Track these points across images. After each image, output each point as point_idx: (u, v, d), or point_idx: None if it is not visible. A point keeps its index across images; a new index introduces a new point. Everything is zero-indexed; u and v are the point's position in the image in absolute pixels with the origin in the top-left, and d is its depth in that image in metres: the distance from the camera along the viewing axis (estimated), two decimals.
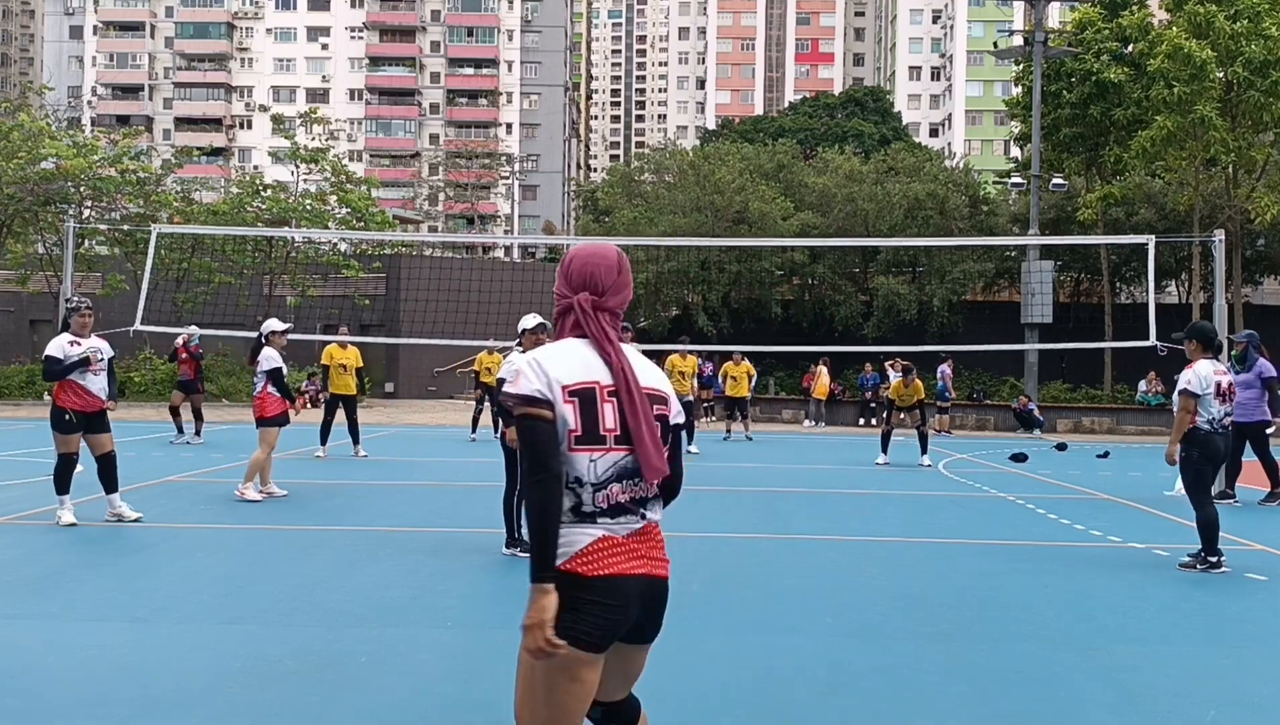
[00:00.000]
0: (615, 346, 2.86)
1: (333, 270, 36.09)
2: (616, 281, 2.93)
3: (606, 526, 2.79)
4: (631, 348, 2.90)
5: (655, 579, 2.86)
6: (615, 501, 2.80)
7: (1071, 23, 34.70)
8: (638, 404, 2.81)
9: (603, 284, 2.91)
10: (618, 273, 2.94)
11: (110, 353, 9.74)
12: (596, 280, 2.90)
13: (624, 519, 2.82)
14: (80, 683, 5.10)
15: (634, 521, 2.84)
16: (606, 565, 2.78)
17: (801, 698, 5.05)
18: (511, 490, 8.50)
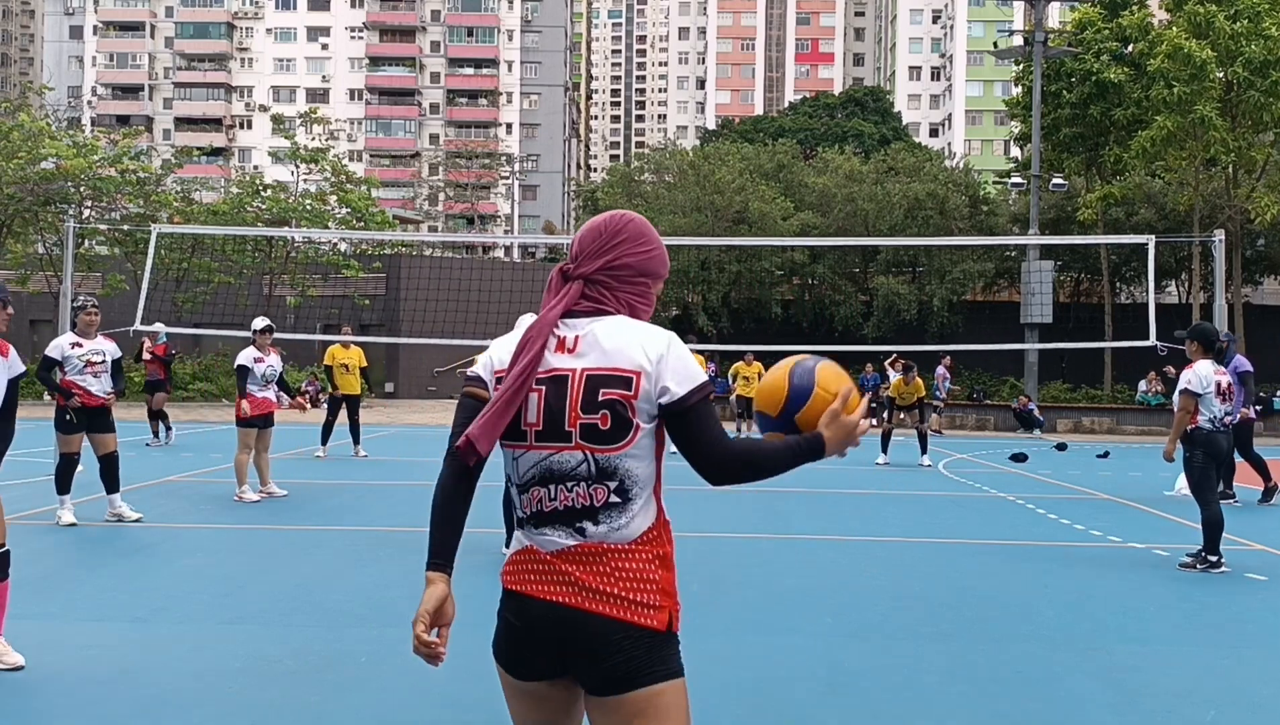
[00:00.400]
0: (547, 321, 2.39)
1: (333, 270, 36.10)
2: (597, 246, 2.45)
3: (531, 536, 2.42)
4: (623, 320, 2.41)
5: (574, 610, 2.33)
6: (537, 508, 2.39)
7: (1071, 23, 34.71)
8: (512, 384, 2.33)
9: (583, 249, 2.47)
10: (604, 236, 2.46)
11: (117, 353, 9.71)
12: (579, 246, 2.48)
13: (549, 531, 2.38)
14: (80, 683, 5.10)
15: (562, 536, 2.36)
16: (519, 581, 2.46)
17: (801, 698, 5.05)
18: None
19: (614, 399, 2.32)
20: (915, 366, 17.78)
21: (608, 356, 2.35)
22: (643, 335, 2.38)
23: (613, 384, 2.32)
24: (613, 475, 2.33)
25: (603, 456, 2.32)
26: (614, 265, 2.45)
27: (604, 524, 2.33)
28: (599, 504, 2.33)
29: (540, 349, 2.36)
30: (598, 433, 2.32)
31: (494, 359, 2.49)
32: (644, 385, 2.33)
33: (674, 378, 2.34)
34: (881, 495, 13.28)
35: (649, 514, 2.37)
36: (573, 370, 2.34)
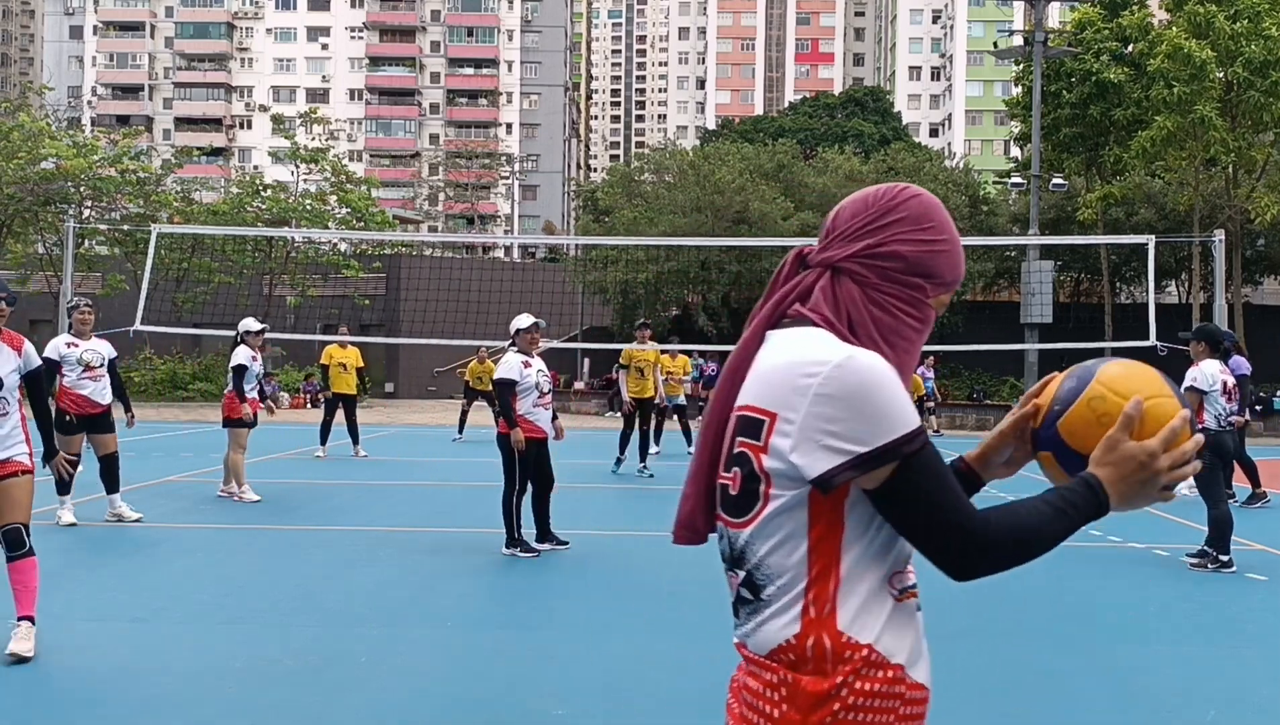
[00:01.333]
0: (749, 337, 1.71)
1: (333, 270, 36.11)
2: (859, 222, 1.69)
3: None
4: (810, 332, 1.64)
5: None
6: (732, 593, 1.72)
7: (1071, 23, 34.69)
8: (702, 432, 1.74)
9: (836, 226, 1.72)
10: (871, 209, 1.70)
11: (112, 354, 9.69)
12: (833, 221, 1.74)
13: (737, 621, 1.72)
14: (80, 683, 5.10)
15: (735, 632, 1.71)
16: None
17: None
18: (511, 490, 8.49)
19: (743, 453, 1.62)
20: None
21: (755, 387, 1.63)
22: (802, 354, 1.59)
23: (746, 429, 1.62)
24: (740, 560, 1.65)
25: (733, 532, 1.66)
26: (877, 252, 1.68)
27: (740, 623, 1.69)
28: (733, 594, 1.69)
29: (737, 372, 1.69)
30: (727, 498, 1.66)
31: None
32: (776, 436, 1.57)
33: (835, 432, 1.53)
34: None
35: (787, 627, 1.59)
36: (738, 407, 1.66)
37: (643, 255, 32.89)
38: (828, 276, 1.69)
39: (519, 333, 8.72)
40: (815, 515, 1.58)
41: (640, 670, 5.43)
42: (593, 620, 6.50)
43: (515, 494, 8.48)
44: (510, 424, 8.40)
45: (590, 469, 14.85)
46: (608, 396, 32.51)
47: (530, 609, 6.73)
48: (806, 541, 1.58)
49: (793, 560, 1.59)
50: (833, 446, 1.52)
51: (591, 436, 21.66)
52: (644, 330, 15.11)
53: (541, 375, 8.67)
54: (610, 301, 34.66)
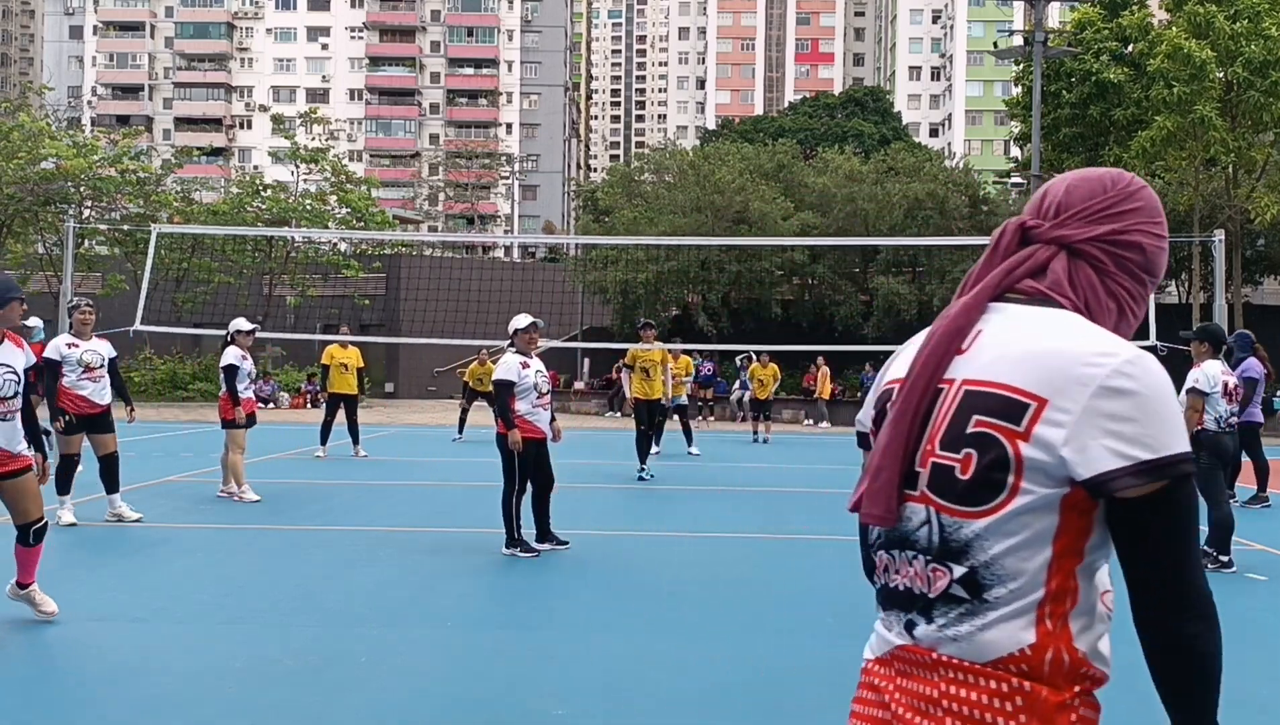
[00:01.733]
0: (972, 304, 1.57)
1: (333, 270, 36.12)
2: (1098, 204, 1.60)
3: (875, 628, 1.63)
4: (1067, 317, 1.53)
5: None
6: (883, 580, 1.61)
7: (1071, 23, 34.71)
8: (905, 401, 1.56)
9: (1070, 202, 1.62)
10: (1111, 194, 1.60)
11: (112, 354, 9.69)
12: (1065, 196, 1.63)
13: (887, 617, 1.60)
14: (80, 683, 5.10)
15: (894, 628, 1.57)
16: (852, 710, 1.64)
17: (801, 698, 5.05)
18: (511, 490, 8.49)
19: (988, 434, 1.46)
20: None
21: (1010, 366, 1.48)
22: (1083, 343, 1.46)
23: (994, 410, 1.46)
24: (961, 554, 1.48)
25: (950, 521, 1.49)
26: (1120, 239, 1.59)
27: (936, 623, 1.51)
28: (934, 593, 1.51)
29: (949, 346, 1.55)
30: (951, 481, 1.49)
31: (880, 383, 1.70)
32: (1044, 425, 1.43)
33: (1119, 432, 1.41)
34: None
35: (1021, 634, 1.46)
36: (951, 381, 1.53)
37: (643, 255, 32.89)
38: (1064, 256, 1.59)
39: (517, 333, 8.72)
40: (1066, 519, 1.45)
41: (640, 670, 5.43)
42: (593, 620, 6.50)
43: (515, 494, 8.48)
44: (508, 425, 8.40)
45: (590, 469, 14.86)
46: (608, 397, 32.51)
47: (530, 609, 6.74)
48: (1051, 547, 1.45)
49: (1033, 564, 1.45)
50: (1115, 448, 1.39)
51: (591, 436, 21.66)
52: (648, 330, 14.86)
53: (540, 376, 8.67)
54: (610, 301, 34.66)
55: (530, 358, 8.71)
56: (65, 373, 9.31)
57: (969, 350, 1.54)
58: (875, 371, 30.55)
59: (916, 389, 1.54)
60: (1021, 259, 1.59)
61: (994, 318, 1.56)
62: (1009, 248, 1.62)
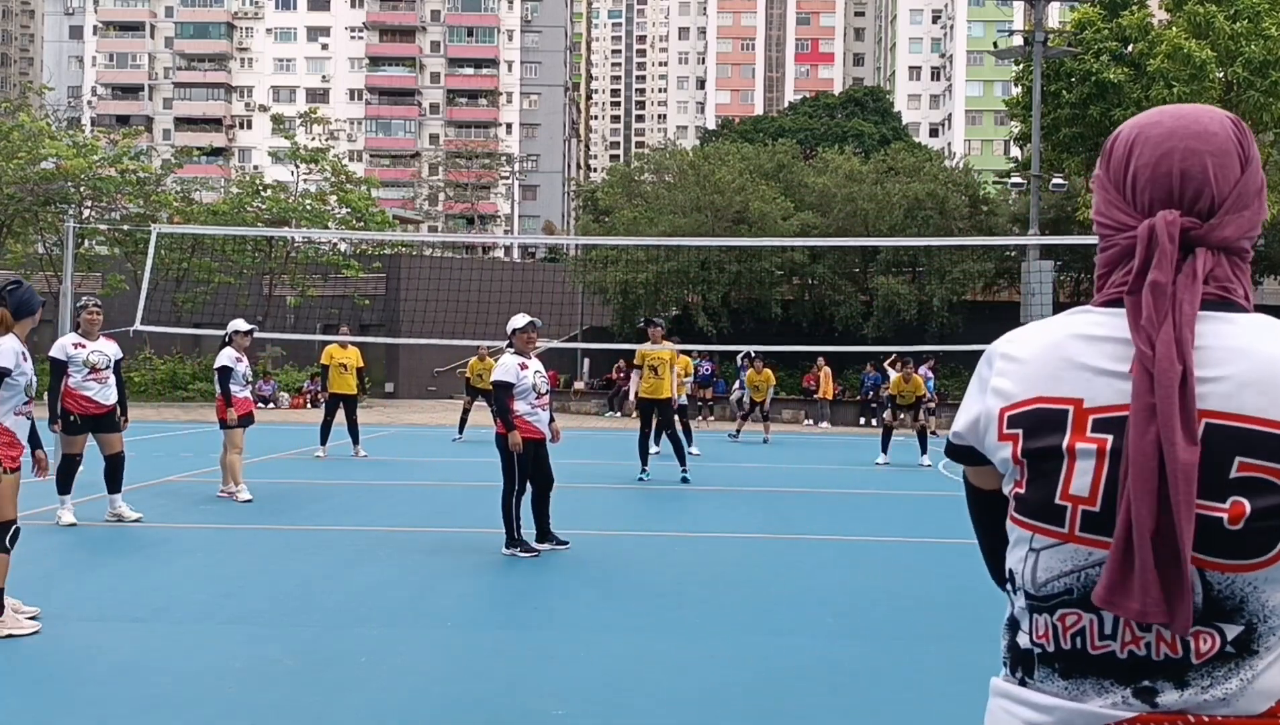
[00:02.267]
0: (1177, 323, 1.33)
1: (333, 270, 36.12)
2: (1240, 183, 1.41)
3: (1042, 704, 1.38)
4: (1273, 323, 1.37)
5: None
6: (1073, 645, 1.37)
7: (1071, 23, 34.69)
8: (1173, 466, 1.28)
9: (1221, 187, 1.40)
10: (1246, 165, 1.42)
11: (118, 355, 9.69)
12: (1194, 183, 1.40)
13: (1089, 689, 1.36)
14: (80, 683, 5.10)
15: (1113, 703, 1.34)
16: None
17: (801, 698, 5.05)
18: (510, 490, 8.49)
19: (1262, 479, 1.29)
20: (911, 360, 17.84)
21: (1258, 396, 1.30)
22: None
23: (1264, 452, 1.29)
24: (1235, 613, 1.32)
25: (1219, 577, 1.31)
26: (1255, 229, 1.43)
27: (1196, 686, 1.32)
28: (1200, 658, 1.32)
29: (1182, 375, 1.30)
30: (1220, 534, 1.30)
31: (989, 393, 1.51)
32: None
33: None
34: (881, 495, 13.27)
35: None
36: (1226, 416, 1.32)
37: (643, 255, 32.89)
38: (1223, 257, 1.41)
39: (515, 333, 8.72)
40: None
41: (640, 670, 5.43)
42: (593, 620, 6.50)
43: (514, 494, 8.48)
44: (508, 426, 8.40)
45: (590, 469, 14.85)
46: (608, 397, 32.51)
47: (530, 609, 6.74)
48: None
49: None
50: None
51: (591, 436, 21.66)
52: (655, 328, 14.56)
53: (539, 376, 8.66)
54: (610, 301, 34.66)
55: (529, 358, 8.71)
56: (71, 373, 9.29)
57: (1211, 380, 1.33)
58: (876, 371, 30.51)
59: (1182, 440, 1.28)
60: (1201, 269, 1.37)
61: (1226, 338, 1.36)
62: (1170, 253, 1.37)
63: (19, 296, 5.98)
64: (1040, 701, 1.37)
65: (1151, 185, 1.40)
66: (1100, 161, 1.50)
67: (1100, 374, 1.38)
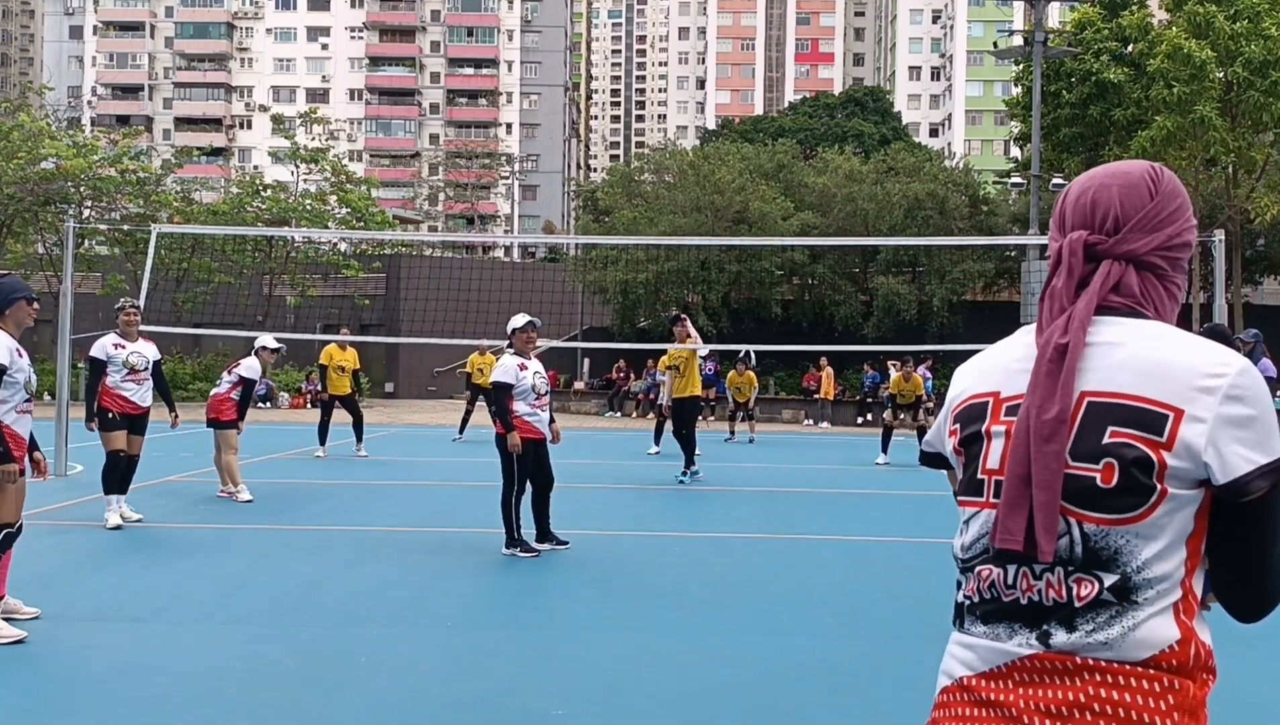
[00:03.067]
0: (1072, 322, 1.62)
1: (333, 270, 36.12)
2: (1151, 212, 1.69)
3: (969, 639, 1.69)
4: (1163, 328, 1.66)
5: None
6: (989, 595, 1.65)
7: (1071, 23, 34.70)
8: (1033, 424, 1.57)
9: (1125, 214, 1.68)
10: (1161, 199, 1.70)
11: (156, 356, 9.77)
12: (1119, 207, 1.69)
13: (1001, 632, 1.62)
14: (80, 683, 5.10)
15: (1018, 642, 1.59)
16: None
17: (801, 698, 5.05)
18: (510, 490, 8.49)
19: (1128, 444, 1.53)
20: (911, 359, 17.87)
21: (1132, 378, 1.57)
22: (1198, 355, 1.57)
23: (1131, 421, 1.54)
24: (1110, 562, 1.54)
25: (1096, 529, 1.54)
26: (1174, 244, 1.71)
27: (1081, 630, 1.55)
28: (1080, 602, 1.55)
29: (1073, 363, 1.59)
30: (1093, 491, 1.54)
31: (951, 397, 1.77)
32: (1186, 434, 1.52)
33: (1245, 438, 1.52)
34: (881, 495, 13.27)
35: (1167, 630, 1.54)
36: (1105, 394, 1.58)
37: (643, 255, 32.90)
38: (1132, 268, 1.69)
39: (514, 333, 8.71)
40: (1198, 521, 1.56)
41: (640, 670, 5.43)
42: (593, 620, 6.50)
43: (514, 494, 8.48)
44: (507, 427, 8.40)
45: (590, 469, 14.86)
46: (608, 397, 32.51)
47: (530, 609, 6.74)
48: (1185, 547, 1.56)
49: (1173, 564, 1.55)
50: (1245, 453, 1.51)
51: (591, 436, 21.67)
52: (681, 325, 14.05)
53: (538, 377, 8.66)
54: (610, 301, 34.66)
55: (528, 359, 8.71)
56: (109, 373, 9.35)
57: (1103, 368, 1.60)
58: (875, 371, 30.50)
59: (1049, 406, 1.57)
60: (1104, 277, 1.67)
61: (1094, 334, 1.63)
62: (1076, 267, 1.68)
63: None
64: (970, 642, 1.67)
65: (1072, 214, 1.73)
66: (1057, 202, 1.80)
67: (1016, 371, 1.68)
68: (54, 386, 14.89)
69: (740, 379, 22.25)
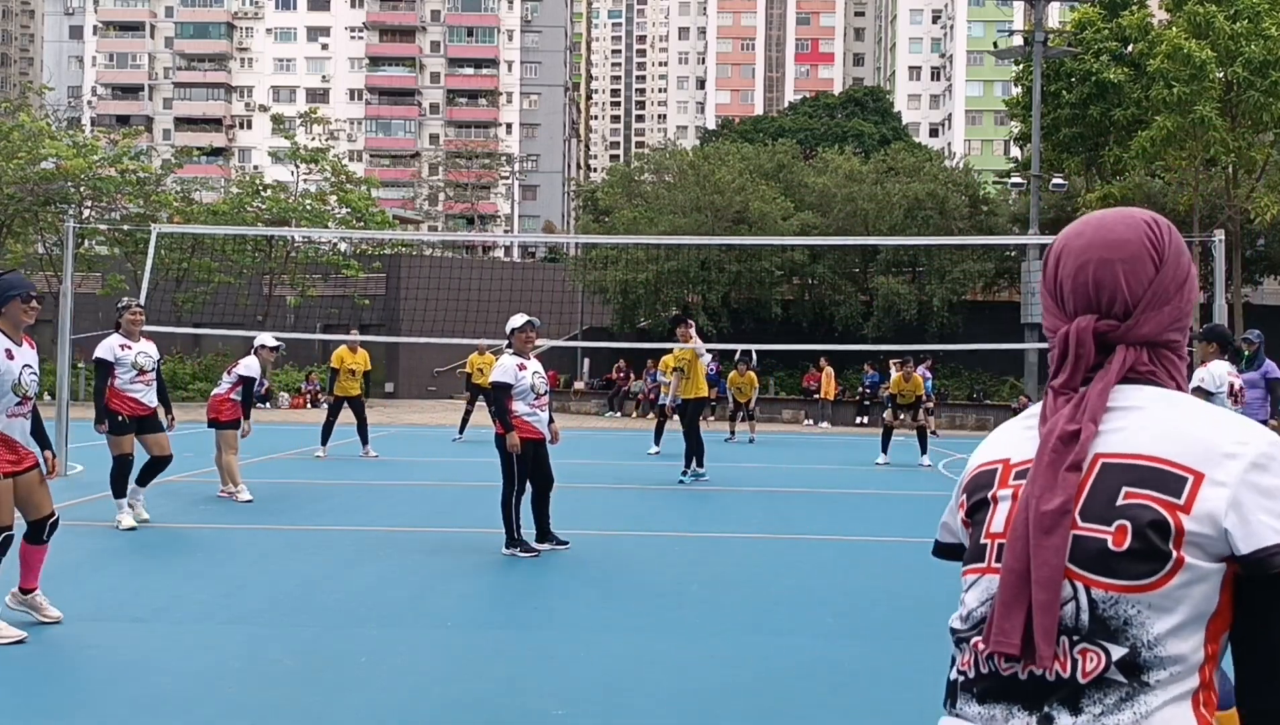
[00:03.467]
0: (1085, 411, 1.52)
1: (333, 270, 36.13)
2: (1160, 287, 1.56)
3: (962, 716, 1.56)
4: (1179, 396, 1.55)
5: None
6: (986, 670, 1.52)
7: (1071, 23, 34.71)
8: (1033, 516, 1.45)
9: (1134, 293, 1.56)
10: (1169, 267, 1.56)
11: (158, 356, 9.75)
12: (1126, 286, 1.56)
13: (996, 713, 1.48)
14: (81, 683, 5.10)
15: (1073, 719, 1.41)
16: None
17: (801, 698, 5.05)
18: (510, 491, 8.49)
19: (1144, 505, 1.41)
20: (911, 359, 17.87)
21: (1150, 439, 1.46)
22: (1223, 424, 1.46)
23: (1149, 482, 1.43)
24: (1119, 634, 1.40)
25: (1105, 596, 1.41)
26: (1184, 311, 1.58)
27: (1088, 714, 1.39)
28: (1086, 677, 1.40)
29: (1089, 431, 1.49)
30: (1104, 554, 1.42)
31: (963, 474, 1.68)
32: (1206, 496, 1.40)
33: (1272, 508, 1.38)
34: (881, 495, 13.27)
35: (1188, 720, 1.38)
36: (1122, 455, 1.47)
37: (643, 255, 32.90)
38: (1145, 350, 1.55)
39: (513, 333, 8.70)
40: (1222, 598, 1.40)
41: (640, 670, 5.43)
42: (593, 620, 6.51)
43: (514, 494, 8.48)
44: (506, 427, 8.40)
45: (590, 469, 14.86)
46: (608, 397, 32.51)
47: (530, 609, 6.74)
48: (1205, 629, 1.40)
49: (1189, 646, 1.39)
50: (1272, 524, 1.37)
51: (591, 436, 21.67)
52: (685, 326, 14.11)
53: (538, 377, 8.66)
54: (610, 301, 34.67)
55: (528, 359, 8.70)
56: (118, 375, 9.31)
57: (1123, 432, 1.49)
58: (875, 371, 30.48)
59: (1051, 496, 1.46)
60: (1120, 364, 1.54)
61: (1132, 400, 1.53)
62: (1089, 355, 1.56)
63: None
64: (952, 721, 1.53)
65: (1074, 295, 1.58)
66: (1041, 273, 1.67)
67: (1025, 438, 1.57)
68: (54, 386, 14.88)
69: (741, 379, 22.30)
